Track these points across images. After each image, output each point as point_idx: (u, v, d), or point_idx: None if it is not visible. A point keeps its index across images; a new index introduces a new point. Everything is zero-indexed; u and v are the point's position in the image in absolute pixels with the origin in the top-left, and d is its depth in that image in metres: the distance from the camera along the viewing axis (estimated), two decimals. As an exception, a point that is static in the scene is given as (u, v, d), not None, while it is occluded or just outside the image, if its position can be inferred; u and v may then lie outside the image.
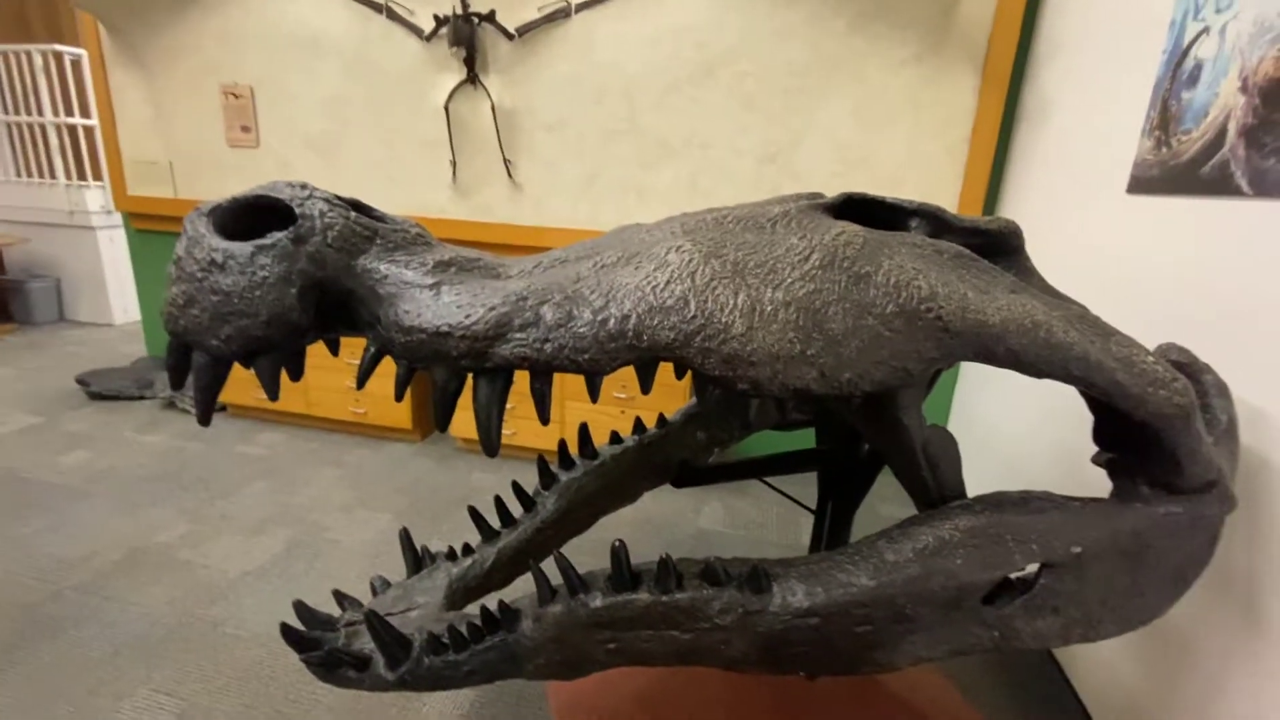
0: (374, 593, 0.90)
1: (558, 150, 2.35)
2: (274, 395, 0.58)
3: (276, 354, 0.56)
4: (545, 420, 0.57)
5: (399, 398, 0.59)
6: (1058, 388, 1.29)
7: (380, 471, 2.28)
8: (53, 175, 3.98)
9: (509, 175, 2.40)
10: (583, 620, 0.66)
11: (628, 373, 2.17)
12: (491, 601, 0.72)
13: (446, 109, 2.35)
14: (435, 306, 0.54)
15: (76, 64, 3.89)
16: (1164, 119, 1.15)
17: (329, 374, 2.49)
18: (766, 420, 1.19)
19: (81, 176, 4.04)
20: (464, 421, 2.32)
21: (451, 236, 2.42)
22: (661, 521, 2.01)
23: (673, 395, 2.20)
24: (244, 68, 2.55)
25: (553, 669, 0.69)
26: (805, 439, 1.34)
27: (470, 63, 2.27)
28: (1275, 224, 0.87)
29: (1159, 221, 1.15)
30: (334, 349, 0.67)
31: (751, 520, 2.05)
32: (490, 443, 0.56)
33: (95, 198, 3.99)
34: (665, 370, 1.88)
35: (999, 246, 0.76)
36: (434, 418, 0.57)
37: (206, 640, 1.38)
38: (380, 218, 0.60)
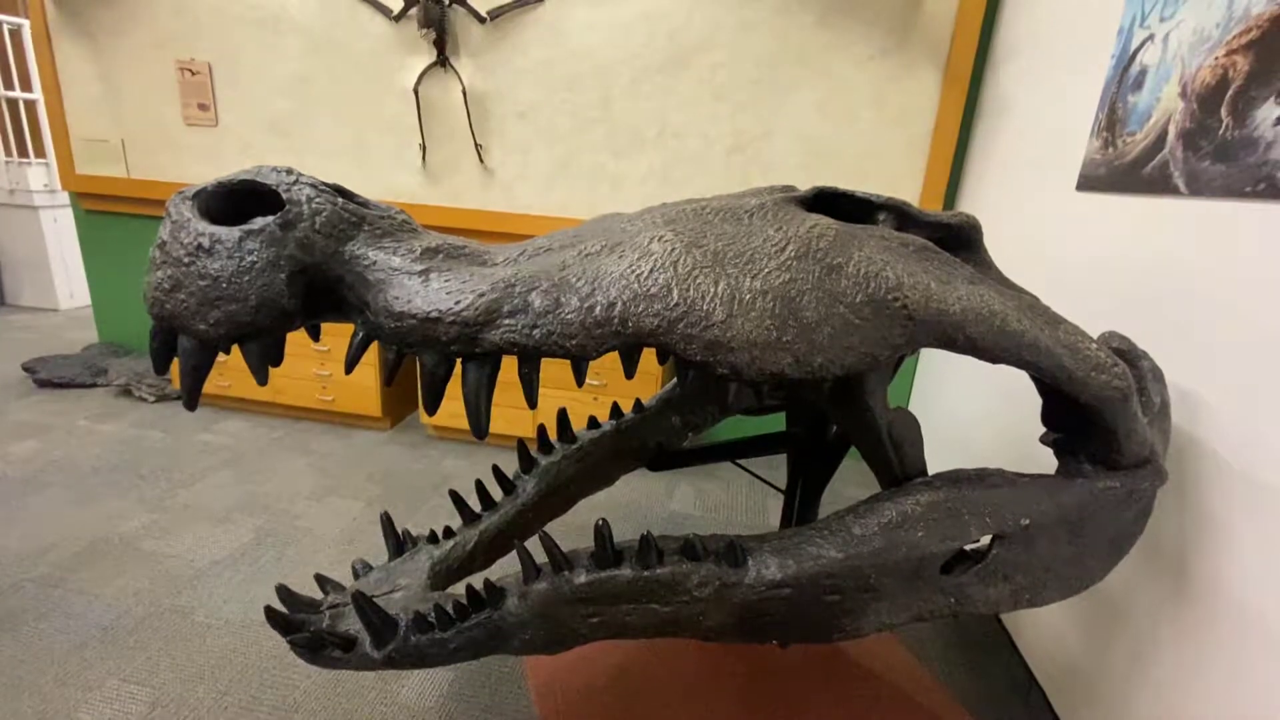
0: (355, 576, 0.91)
1: (529, 136, 2.33)
2: (263, 380, 0.58)
3: (264, 339, 0.57)
4: (533, 404, 0.59)
5: (388, 382, 0.60)
6: (1010, 373, 1.36)
7: (350, 459, 2.26)
8: (-10, 151, 3.77)
9: (480, 160, 2.38)
10: (567, 596, 0.68)
11: (601, 359, 2.19)
12: (474, 582, 0.75)
13: (416, 92, 2.31)
14: (425, 292, 0.55)
15: (16, 34, 3.67)
16: (1111, 121, 1.22)
17: (296, 360, 2.44)
18: (743, 404, 1.23)
19: (23, 153, 3.82)
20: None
21: (421, 222, 2.38)
22: (635, 505, 2.05)
23: (645, 381, 2.23)
24: (200, 42, 2.45)
25: (537, 644, 0.72)
26: (775, 423, 1.39)
27: (440, 45, 2.24)
28: (1207, 222, 0.94)
29: (1105, 218, 1.22)
30: (315, 335, 0.68)
31: (721, 503, 2.11)
32: (480, 426, 0.58)
33: (38, 175, 3.79)
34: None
35: (959, 240, 0.80)
36: (422, 402, 0.59)
37: (177, 630, 1.37)
38: (365, 204, 0.60)
